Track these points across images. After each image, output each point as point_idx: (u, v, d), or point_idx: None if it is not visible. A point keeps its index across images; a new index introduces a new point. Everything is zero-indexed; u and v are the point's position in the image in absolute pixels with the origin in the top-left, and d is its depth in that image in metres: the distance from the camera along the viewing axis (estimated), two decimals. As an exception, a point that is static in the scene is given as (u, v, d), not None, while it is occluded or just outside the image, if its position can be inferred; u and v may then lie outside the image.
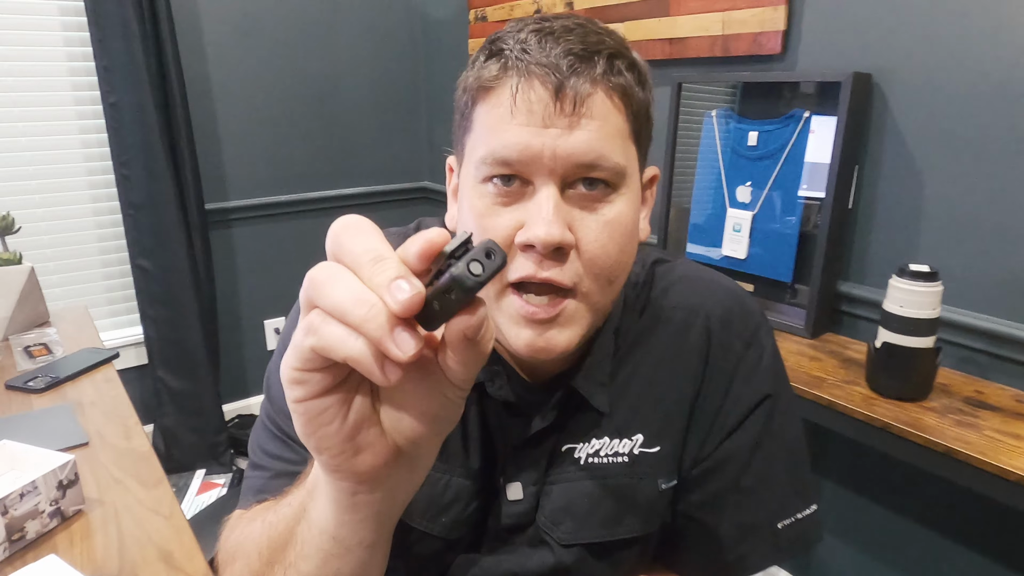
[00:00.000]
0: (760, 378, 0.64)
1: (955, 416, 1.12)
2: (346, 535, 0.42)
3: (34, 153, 2.12)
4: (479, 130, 0.54)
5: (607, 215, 0.53)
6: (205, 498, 2.24)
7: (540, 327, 0.53)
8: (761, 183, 1.50)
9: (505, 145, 0.51)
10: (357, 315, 0.29)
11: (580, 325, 0.54)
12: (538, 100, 0.50)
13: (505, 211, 0.53)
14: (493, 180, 0.53)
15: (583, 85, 0.50)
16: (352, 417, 0.35)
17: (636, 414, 0.63)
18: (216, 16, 2.29)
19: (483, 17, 2.28)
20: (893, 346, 1.15)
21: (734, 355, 0.64)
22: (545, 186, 0.51)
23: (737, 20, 1.51)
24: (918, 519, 1.41)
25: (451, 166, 0.63)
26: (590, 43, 0.52)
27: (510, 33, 0.54)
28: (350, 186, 2.70)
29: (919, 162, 1.29)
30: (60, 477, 0.85)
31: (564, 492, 0.63)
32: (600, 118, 0.51)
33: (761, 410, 0.64)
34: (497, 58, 0.53)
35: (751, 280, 1.56)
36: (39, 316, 1.54)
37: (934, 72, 1.25)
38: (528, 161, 0.51)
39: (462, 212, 0.57)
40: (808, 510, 0.65)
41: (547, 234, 0.49)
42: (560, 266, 0.51)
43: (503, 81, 0.52)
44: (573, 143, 0.50)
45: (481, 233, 0.53)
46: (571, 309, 0.53)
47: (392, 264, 0.30)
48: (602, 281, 0.54)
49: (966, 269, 1.25)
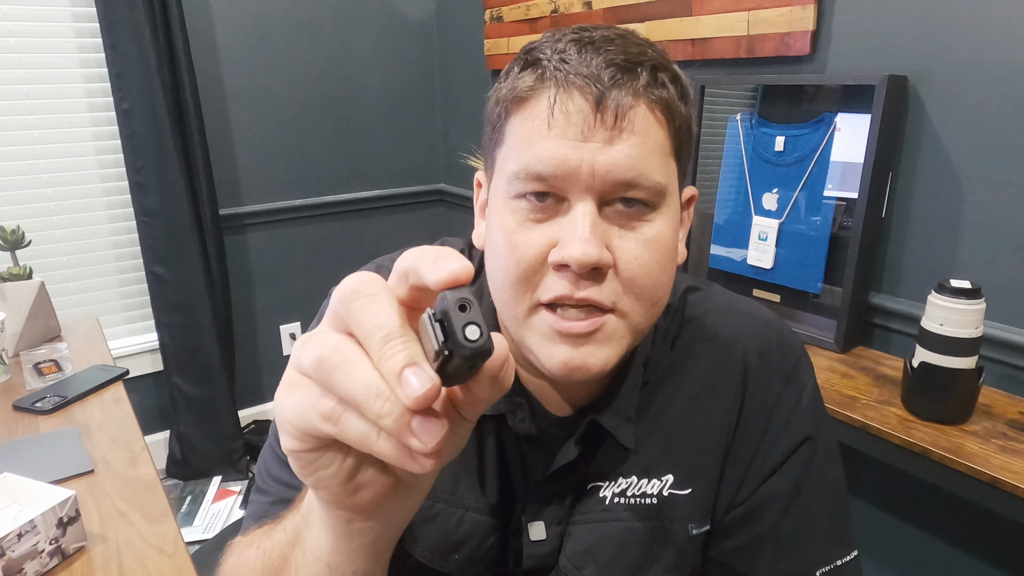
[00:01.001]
0: (800, 418, 0.60)
1: (999, 441, 1.05)
2: (341, 562, 0.40)
3: (48, 160, 2.11)
4: (512, 143, 0.52)
5: (647, 234, 0.50)
6: (221, 506, 2.23)
7: (576, 343, 0.50)
8: (788, 190, 1.43)
9: (540, 159, 0.48)
10: (373, 410, 0.28)
11: (620, 344, 0.51)
12: (577, 112, 0.48)
13: (537, 228, 0.50)
14: (526, 196, 0.50)
15: (625, 97, 0.48)
16: (350, 459, 0.33)
17: (667, 453, 0.60)
18: (229, 19, 2.27)
19: (499, 17, 2.22)
20: (932, 366, 1.09)
21: (773, 393, 0.60)
22: (581, 202, 0.49)
23: (763, 20, 1.45)
24: (958, 546, 1.34)
25: (479, 181, 0.59)
26: (632, 54, 0.49)
27: (547, 43, 0.51)
28: (365, 189, 2.67)
29: (958, 169, 1.23)
30: (60, 514, 0.83)
31: (588, 534, 0.59)
32: (641, 133, 0.49)
33: (801, 452, 0.60)
34: (533, 68, 0.50)
35: (778, 291, 1.50)
36: (50, 330, 1.52)
37: (974, 75, 1.17)
38: (564, 176, 0.48)
39: (490, 230, 0.54)
40: (849, 556, 0.61)
41: (583, 253, 0.47)
42: (597, 286, 0.49)
43: (540, 92, 0.50)
44: (613, 158, 0.48)
45: (511, 252, 0.50)
46: (612, 326, 0.50)
47: (400, 347, 0.28)
48: (644, 301, 0.51)
49: (1009, 282, 1.18)
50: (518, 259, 0.50)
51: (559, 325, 0.49)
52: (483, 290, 0.60)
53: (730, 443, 0.60)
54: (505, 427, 0.60)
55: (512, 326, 0.53)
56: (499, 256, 0.52)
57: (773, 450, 0.60)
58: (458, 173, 2.75)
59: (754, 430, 0.60)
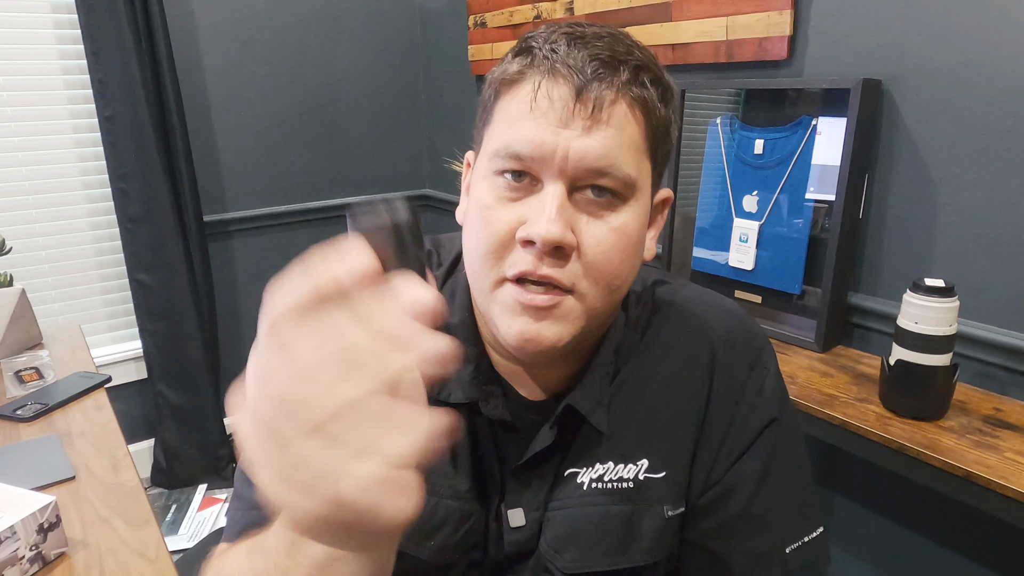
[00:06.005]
0: (766, 402, 0.63)
1: (974, 437, 1.07)
2: None
3: (30, 168, 2.10)
4: (497, 123, 0.55)
5: (613, 223, 0.53)
6: (207, 514, 2.21)
7: (534, 316, 0.53)
8: (768, 193, 1.45)
9: (520, 139, 0.51)
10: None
11: (574, 324, 0.54)
12: (559, 98, 0.51)
13: (511, 205, 0.53)
14: (504, 174, 0.53)
15: (605, 91, 0.51)
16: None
17: (641, 438, 0.62)
18: (212, 26, 2.26)
19: (483, 23, 2.24)
20: (908, 364, 1.11)
21: (739, 378, 0.63)
22: (552, 184, 0.51)
23: (741, 25, 1.47)
24: (936, 541, 1.36)
25: (468, 161, 0.62)
26: (618, 52, 0.52)
27: (542, 34, 0.55)
28: (350, 195, 2.67)
29: (932, 170, 1.25)
30: (41, 520, 0.82)
31: (567, 519, 0.61)
32: (617, 127, 0.51)
33: (768, 434, 0.63)
34: (525, 55, 0.54)
35: (759, 292, 1.52)
36: (31, 338, 1.51)
37: (946, 78, 1.20)
38: (540, 158, 0.51)
39: (470, 205, 0.57)
40: (815, 533, 0.63)
41: (547, 231, 0.49)
42: (560, 266, 0.51)
43: (527, 76, 0.53)
44: (588, 146, 0.50)
45: (484, 227, 0.54)
46: (568, 305, 0.53)
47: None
48: (601, 286, 0.53)
49: (982, 281, 1.21)
50: (489, 233, 0.53)
51: (521, 297, 0.52)
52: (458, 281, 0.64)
53: (701, 427, 0.63)
54: (477, 414, 0.62)
55: (480, 299, 0.57)
56: (473, 230, 0.55)
57: (742, 433, 0.63)
58: (444, 178, 2.75)
59: (723, 414, 0.63)
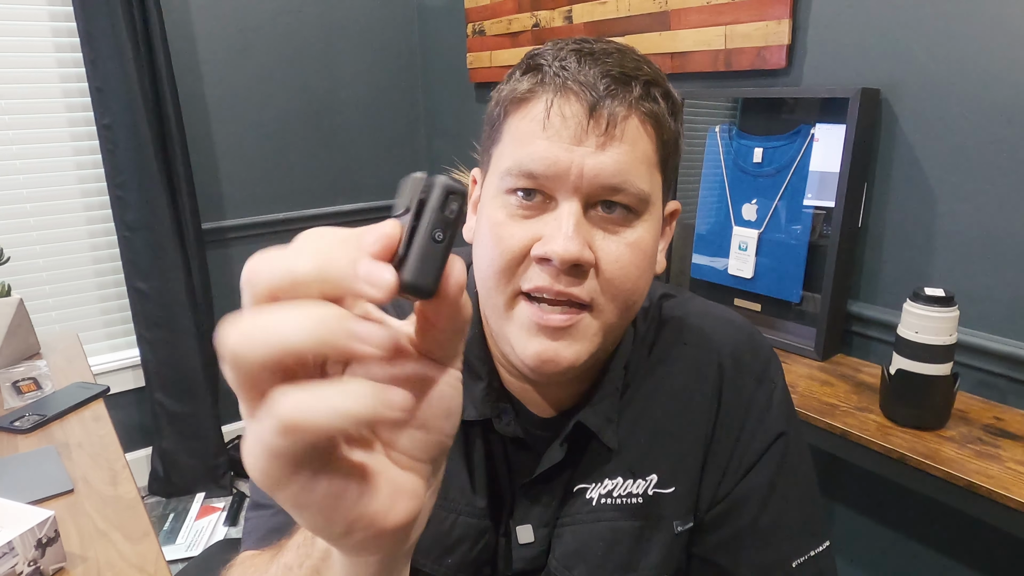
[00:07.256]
0: (773, 416, 0.63)
1: (975, 446, 1.07)
2: None
3: (27, 176, 2.09)
4: (508, 141, 0.54)
5: (628, 238, 0.53)
6: (205, 523, 2.20)
7: (552, 336, 0.52)
8: (767, 200, 1.45)
9: (533, 158, 0.51)
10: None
11: (591, 342, 0.53)
12: (572, 116, 0.51)
13: (524, 223, 0.53)
14: (516, 193, 0.53)
15: (618, 107, 0.51)
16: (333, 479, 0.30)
17: (650, 453, 0.62)
18: (211, 34, 2.26)
19: (481, 31, 2.24)
20: (908, 373, 1.11)
21: (747, 392, 0.63)
22: (568, 202, 0.51)
23: (740, 34, 1.47)
24: (937, 550, 1.36)
25: (475, 178, 0.62)
26: (628, 68, 0.52)
27: (549, 51, 0.54)
28: (349, 202, 2.67)
29: (931, 180, 1.25)
30: (39, 535, 0.82)
31: (576, 535, 0.60)
32: (630, 143, 0.51)
33: (775, 448, 0.63)
34: (534, 73, 0.53)
35: (758, 300, 1.52)
36: (29, 348, 1.51)
37: (945, 87, 1.20)
38: (554, 176, 0.51)
39: (480, 223, 0.57)
40: (821, 547, 0.63)
41: (565, 249, 0.49)
42: (578, 283, 0.51)
43: (538, 95, 0.52)
44: (602, 163, 0.50)
45: (496, 244, 0.53)
46: (585, 323, 0.53)
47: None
48: (619, 302, 0.53)
49: (982, 290, 1.21)
50: (502, 251, 0.52)
51: (538, 317, 0.51)
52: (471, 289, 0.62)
53: (709, 441, 0.63)
54: (491, 431, 0.62)
55: (493, 317, 0.56)
56: (485, 248, 0.54)
57: (750, 447, 0.62)
58: (442, 185, 2.75)
59: (731, 428, 0.63)
